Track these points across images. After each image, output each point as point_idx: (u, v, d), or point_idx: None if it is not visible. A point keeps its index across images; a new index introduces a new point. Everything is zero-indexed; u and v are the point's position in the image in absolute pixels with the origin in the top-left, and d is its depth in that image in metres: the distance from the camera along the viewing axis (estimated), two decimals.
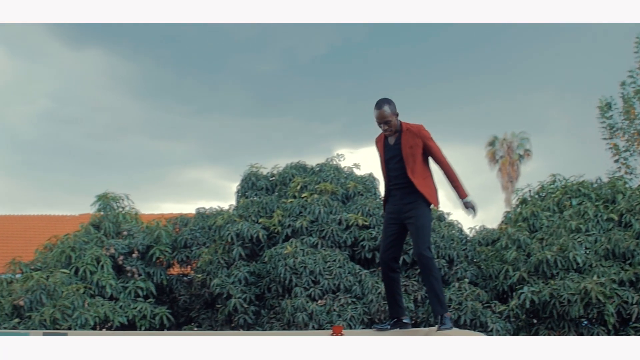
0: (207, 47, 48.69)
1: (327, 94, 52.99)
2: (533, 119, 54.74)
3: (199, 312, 12.71)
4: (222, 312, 11.77)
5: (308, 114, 56.64)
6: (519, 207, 14.23)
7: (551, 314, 11.15)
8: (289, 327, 10.85)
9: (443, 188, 6.40)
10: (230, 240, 12.11)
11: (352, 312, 10.94)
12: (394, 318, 6.29)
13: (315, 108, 54.14)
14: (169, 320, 12.15)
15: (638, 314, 10.83)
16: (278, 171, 14.14)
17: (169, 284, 13.23)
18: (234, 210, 13.32)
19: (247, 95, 51.90)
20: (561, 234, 12.10)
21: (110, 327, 11.49)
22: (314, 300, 11.21)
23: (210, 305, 12.60)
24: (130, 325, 11.72)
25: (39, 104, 50.26)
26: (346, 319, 10.82)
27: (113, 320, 11.41)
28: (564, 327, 11.12)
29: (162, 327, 11.99)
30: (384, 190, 6.51)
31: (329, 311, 11.06)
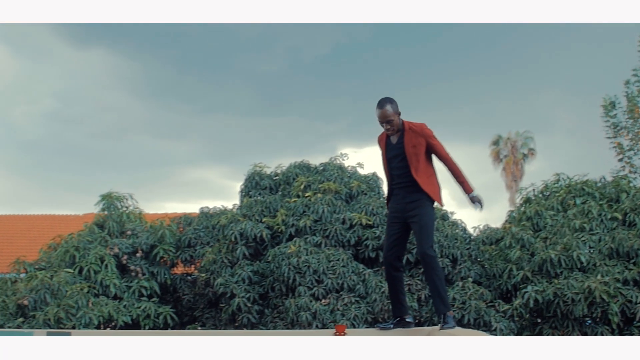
0: (211, 46, 48.78)
1: (331, 93, 53.01)
2: (537, 118, 54.80)
3: (202, 312, 12.73)
4: (226, 312, 11.78)
5: (312, 114, 56.71)
6: (522, 206, 14.21)
7: (555, 313, 11.13)
8: (293, 326, 10.85)
9: (446, 187, 6.41)
10: (234, 239, 12.12)
11: (355, 311, 10.94)
12: (397, 317, 6.29)
13: (319, 107, 54.20)
14: (172, 319, 12.18)
15: None
16: (282, 170, 14.15)
17: (172, 284, 13.26)
18: (237, 209, 13.33)
19: (251, 94, 51.95)
20: (565, 233, 12.09)
21: (114, 327, 11.52)
22: (318, 300, 11.21)
23: (214, 304, 12.62)
24: (134, 325, 11.74)
25: (43, 103, 50.39)
26: (350, 318, 10.82)
27: (117, 319, 11.43)
28: (568, 326, 11.10)
29: (166, 326, 12.02)
30: (387, 189, 6.51)
31: (332, 310, 11.06)
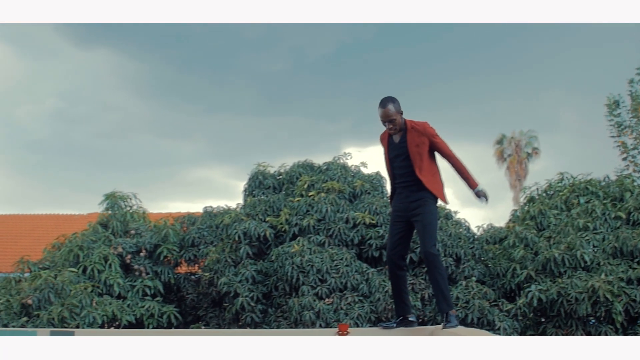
0: (215, 46, 48.81)
1: (335, 92, 53.00)
2: (541, 117, 54.70)
3: (206, 311, 12.74)
4: (230, 311, 11.79)
5: (316, 113, 56.70)
6: (526, 205, 14.20)
7: (559, 312, 11.12)
8: (296, 325, 10.86)
9: (450, 186, 6.42)
10: (237, 238, 12.13)
11: (359, 310, 10.93)
12: (400, 316, 6.30)
13: (322, 107, 54.18)
14: (176, 318, 12.19)
15: None
16: (285, 170, 14.15)
17: (176, 283, 13.27)
18: (241, 209, 13.34)
19: (255, 94, 51.96)
20: (569, 232, 12.07)
21: (118, 326, 11.53)
22: (321, 299, 11.22)
23: (217, 303, 12.64)
24: (138, 324, 11.75)
25: (47, 103, 50.52)
26: (353, 317, 10.81)
27: (121, 318, 11.45)
28: (572, 325, 11.09)
29: (169, 325, 12.03)
30: (390, 188, 6.52)
31: (336, 310, 11.06)
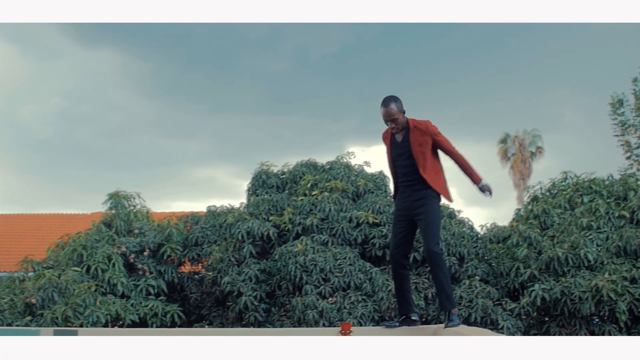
0: (218, 45, 48.82)
1: (339, 92, 52.94)
2: (545, 116, 54.63)
3: (210, 310, 12.76)
4: (233, 310, 11.80)
5: (319, 112, 56.71)
6: (530, 204, 14.19)
7: (562, 311, 11.11)
8: (300, 324, 10.86)
9: (453, 185, 6.41)
10: (240, 238, 12.14)
11: (362, 309, 10.93)
12: (403, 315, 6.30)
13: (326, 106, 54.17)
14: (180, 318, 12.21)
15: None
16: (288, 169, 14.16)
17: (180, 282, 13.29)
18: (244, 208, 13.36)
19: (259, 93, 51.98)
20: (572, 231, 12.06)
21: (121, 325, 11.55)
22: (325, 298, 11.22)
23: (221, 303, 12.65)
24: (142, 323, 11.77)
25: (52, 103, 50.60)
26: (356, 316, 10.81)
27: (124, 318, 11.47)
28: (575, 324, 11.08)
29: (173, 324, 12.04)
30: (393, 186, 6.52)
31: (339, 309, 11.06)
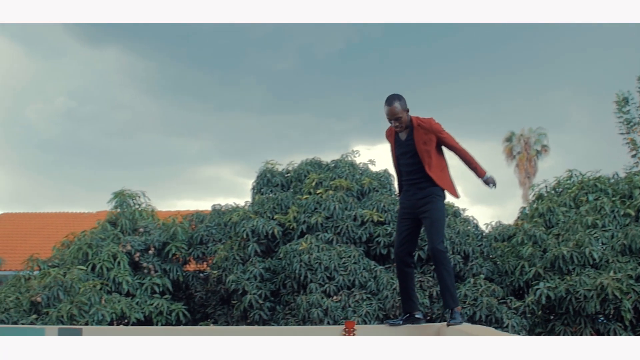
0: (223, 45, 48.88)
1: (344, 90, 53.00)
2: (550, 114, 54.61)
3: (215, 308, 12.78)
4: (238, 308, 11.81)
5: (324, 111, 56.74)
6: (535, 202, 14.17)
7: (567, 309, 11.08)
8: (304, 322, 10.86)
9: (458, 183, 6.39)
10: (245, 236, 12.15)
11: (367, 308, 10.93)
12: (407, 313, 6.30)
13: (331, 105, 54.20)
14: (185, 316, 12.23)
15: None
16: (293, 168, 14.16)
17: (185, 281, 13.31)
18: (249, 206, 13.37)
19: (264, 92, 52.04)
20: (577, 230, 12.04)
21: (127, 323, 11.58)
22: (329, 296, 11.22)
23: (226, 301, 12.67)
24: (147, 321, 11.80)
25: (57, 102, 50.71)
26: (361, 314, 10.81)
27: (130, 316, 11.49)
28: (580, 323, 11.05)
29: (178, 323, 12.07)
30: (397, 184, 6.53)
31: (344, 307, 11.06)
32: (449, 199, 6.37)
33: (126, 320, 11.62)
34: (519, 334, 10.69)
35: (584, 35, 46.85)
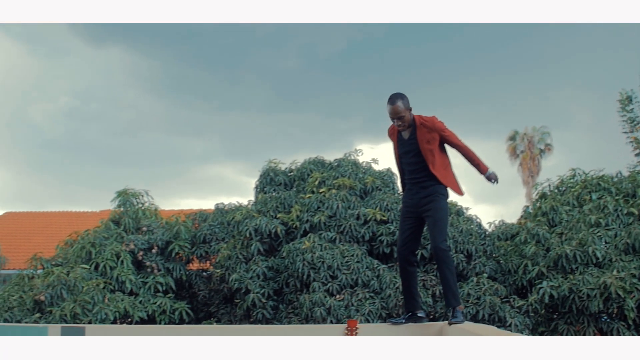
0: (227, 44, 48.88)
1: (347, 89, 52.96)
2: (554, 113, 54.50)
3: (218, 307, 12.79)
4: (241, 307, 11.82)
5: (328, 110, 56.73)
6: (538, 201, 14.15)
7: (570, 308, 11.08)
8: (307, 321, 10.87)
9: (462, 182, 6.38)
10: (248, 235, 12.16)
11: (370, 306, 10.94)
12: (410, 312, 6.30)
13: (335, 104, 54.20)
14: (188, 315, 12.24)
15: None
16: (296, 166, 14.16)
17: (188, 279, 13.33)
18: (252, 205, 13.37)
19: (267, 91, 52.05)
20: (581, 229, 12.02)
21: (130, 322, 11.60)
22: (332, 295, 11.22)
23: (229, 300, 12.68)
24: (150, 320, 11.81)
25: (61, 101, 50.79)
26: (364, 313, 10.81)
27: (133, 315, 11.51)
28: (584, 322, 11.05)
29: (181, 321, 12.08)
30: (400, 183, 6.53)
31: (347, 306, 11.06)
32: (452, 197, 6.38)
33: (129, 319, 11.63)
34: (521, 332, 10.68)
35: (587, 35, 46.81)
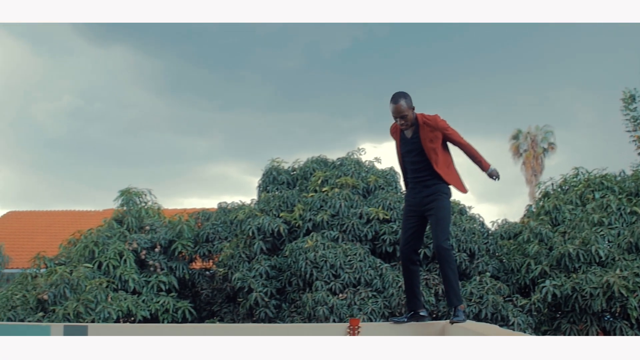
0: (230, 43, 48.86)
1: (350, 89, 52.93)
2: (557, 112, 54.44)
3: (221, 306, 12.80)
4: (244, 306, 11.83)
5: (331, 109, 56.69)
6: (541, 200, 14.13)
7: (573, 307, 11.06)
8: (310, 320, 10.88)
9: (465, 181, 6.38)
10: (251, 234, 12.17)
11: (372, 305, 10.94)
12: (412, 311, 6.30)
13: (338, 103, 54.18)
14: (191, 314, 12.25)
15: None
16: (299, 165, 14.16)
17: (191, 278, 13.34)
18: (255, 204, 13.38)
19: (270, 90, 52.04)
20: (584, 228, 12.01)
21: (133, 321, 11.61)
22: (335, 294, 11.23)
23: (232, 299, 12.69)
24: (153, 319, 11.82)
25: (64, 101, 50.84)
26: (367, 312, 10.82)
27: (136, 314, 11.52)
28: (586, 321, 11.04)
29: (184, 320, 12.09)
30: (403, 182, 6.53)
31: (349, 305, 11.06)
32: (455, 196, 6.38)
33: (132, 318, 11.65)
34: (524, 331, 10.68)
35: (590, 34, 46.76)
